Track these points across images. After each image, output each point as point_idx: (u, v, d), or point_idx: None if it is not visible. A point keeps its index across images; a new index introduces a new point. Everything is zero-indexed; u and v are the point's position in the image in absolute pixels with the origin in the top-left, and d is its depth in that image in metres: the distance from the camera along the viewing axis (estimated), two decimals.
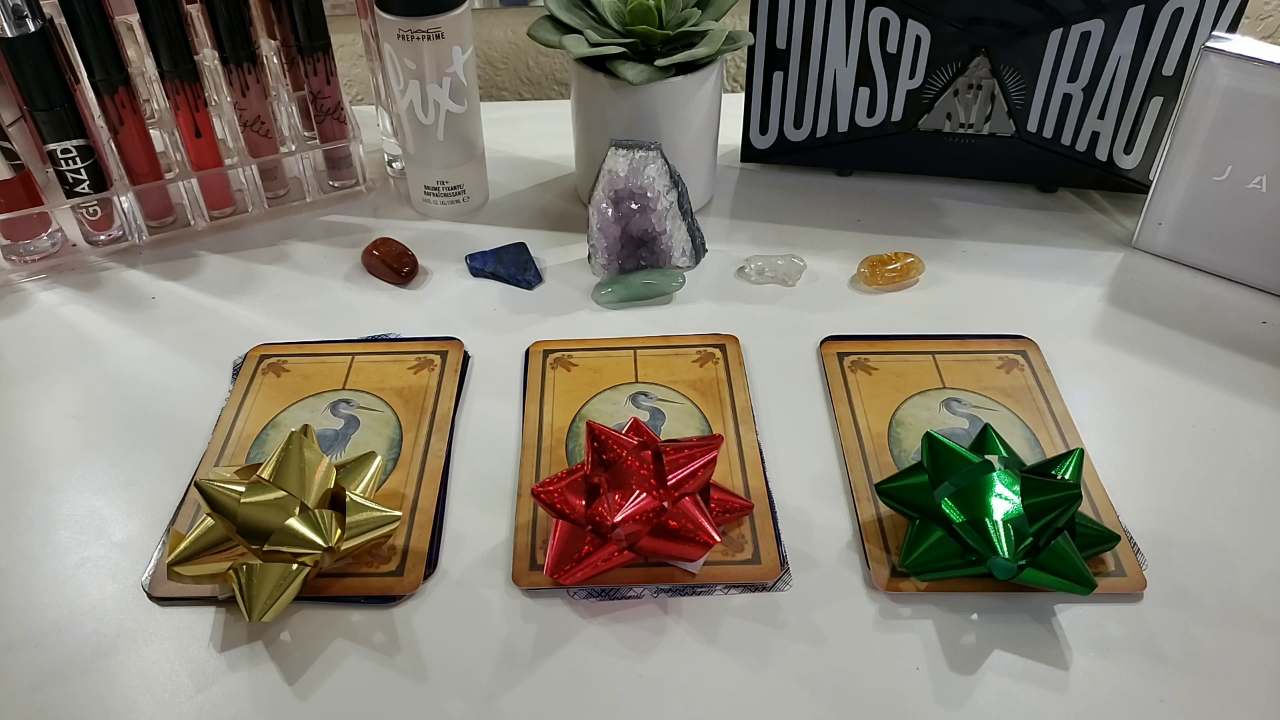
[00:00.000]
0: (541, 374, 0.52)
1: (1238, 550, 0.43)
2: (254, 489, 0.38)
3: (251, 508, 0.38)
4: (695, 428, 0.48)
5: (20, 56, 0.53)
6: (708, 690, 0.38)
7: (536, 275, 0.59)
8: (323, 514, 0.39)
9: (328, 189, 0.66)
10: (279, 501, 0.38)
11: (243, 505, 0.38)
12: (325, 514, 0.39)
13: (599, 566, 0.40)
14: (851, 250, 0.61)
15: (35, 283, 0.59)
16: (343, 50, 0.81)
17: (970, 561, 0.39)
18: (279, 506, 0.38)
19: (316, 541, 0.38)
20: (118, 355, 0.54)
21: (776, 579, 0.41)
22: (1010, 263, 0.60)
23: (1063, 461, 0.42)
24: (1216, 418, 0.49)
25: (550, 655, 0.39)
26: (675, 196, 0.57)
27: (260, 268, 0.60)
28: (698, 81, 0.58)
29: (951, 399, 0.50)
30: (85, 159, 0.57)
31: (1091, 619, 0.40)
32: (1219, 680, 0.38)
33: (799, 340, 0.54)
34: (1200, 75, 0.53)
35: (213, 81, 0.61)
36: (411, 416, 0.49)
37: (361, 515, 0.40)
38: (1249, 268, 0.57)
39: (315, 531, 0.38)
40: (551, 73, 0.85)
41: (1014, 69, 0.60)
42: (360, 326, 0.55)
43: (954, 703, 0.37)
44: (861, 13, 0.59)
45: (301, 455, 0.40)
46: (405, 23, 0.55)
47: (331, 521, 0.39)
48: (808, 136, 0.65)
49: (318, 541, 0.38)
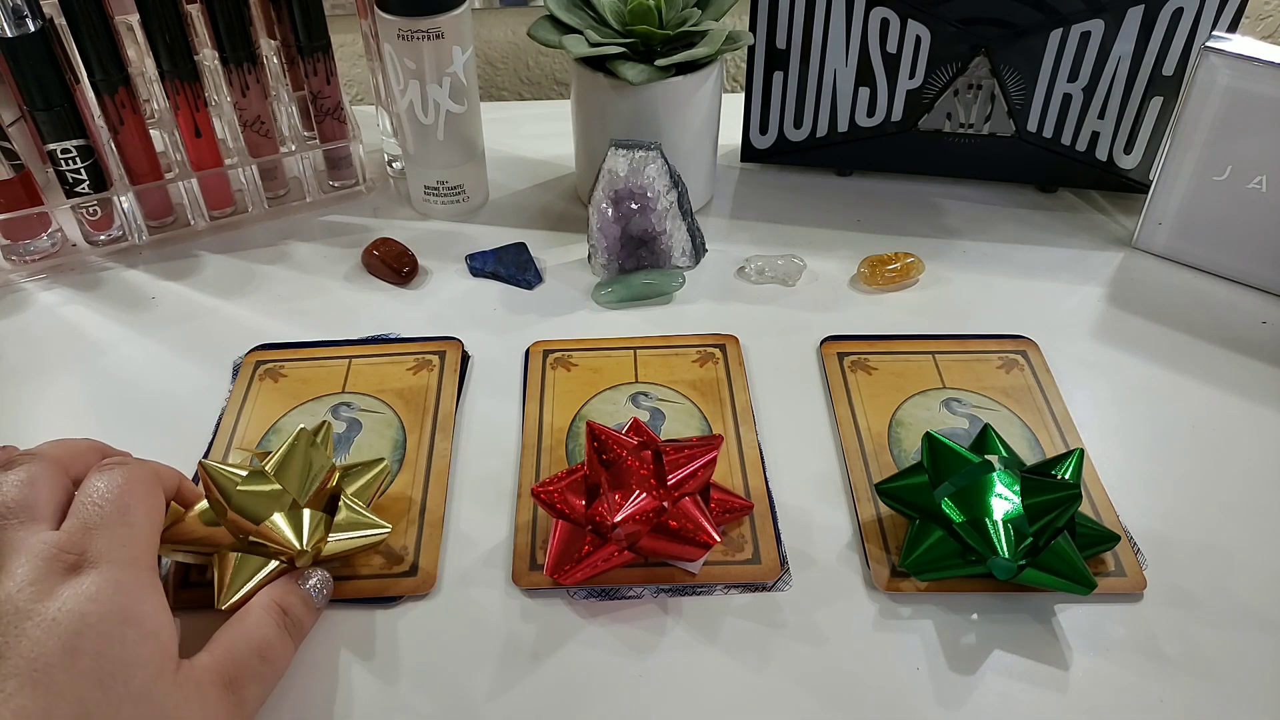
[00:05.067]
0: (541, 374, 0.52)
1: (1238, 550, 0.43)
2: (252, 478, 0.39)
3: (246, 495, 0.38)
4: (695, 428, 0.48)
5: (20, 56, 0.53)
6: (708, 690, 0.38)
7: (536, 275, 0.59)
8: (311, 515, 0.39)
9: (328, 189, 0.66)
10: (273, 494, 0.38)
11: (238, 491, 0.38)
12: (313, 515, 0.39)
13: (599, 566, 0.40)
14: (851, 250, 0.61)
15: (35, 283, 0.59)
16: (343, 50, 0.81)
17: (970, 561, 0.39)
18: (271, 499, 0.38)
19: (292, 542, 0.38)
20: (118, 355, 0.54)
21: (776, 579, 0.41)
22: (1010, 263, 0.60)
23: (1063, 461, 0.42)
24: (1216, 418, 0.49)
25: (550, 655, 0.39)
26: (675, 196, 0.57)
27: (260, 268, 0.60)
28: (698, 81, 0.58)
29: (951, 399, 0.50)
30: (85, 159, 0.57)
31: (1091, 619, 0.40)
32: (1219, 680, 0.38)
33: (799, 340, 0.54)
34: (1200, 75, 0.53)
35: (213, 81, 0.61)
36: (414, 417, 0.49)
37: (350, 519, 0.40)
38: (1249, 268, 0.57)
39: (295, 532, 0.38)
40: (551, 73, 0.85)
41: (1014, 69, 0.60)
42: (360, 326, 0.55)
43: (954, 703, 0.37)
44: (861, 13, 0.59)
45: (306, 452, 0.40)
46: (405, 23, 0.55)
47: (318, 524, 0.39)
48: (808, 136, 0.65)
49: (293, 543, 0.38)
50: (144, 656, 0.32)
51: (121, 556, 0.33)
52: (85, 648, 0.31)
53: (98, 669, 0.31)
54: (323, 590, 0.39)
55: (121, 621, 0.32)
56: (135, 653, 0.32)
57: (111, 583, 0.32)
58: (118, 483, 0.36)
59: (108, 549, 0.33)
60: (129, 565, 0.34)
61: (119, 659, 0.31)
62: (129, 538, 0.34)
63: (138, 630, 0.32)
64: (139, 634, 0.32)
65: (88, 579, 0.32)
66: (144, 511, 0.36)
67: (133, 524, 0.35)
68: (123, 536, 0.34)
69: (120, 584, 0.33)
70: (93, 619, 0.31)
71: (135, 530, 0.35)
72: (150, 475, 0.37)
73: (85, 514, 0.34)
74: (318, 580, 0.39)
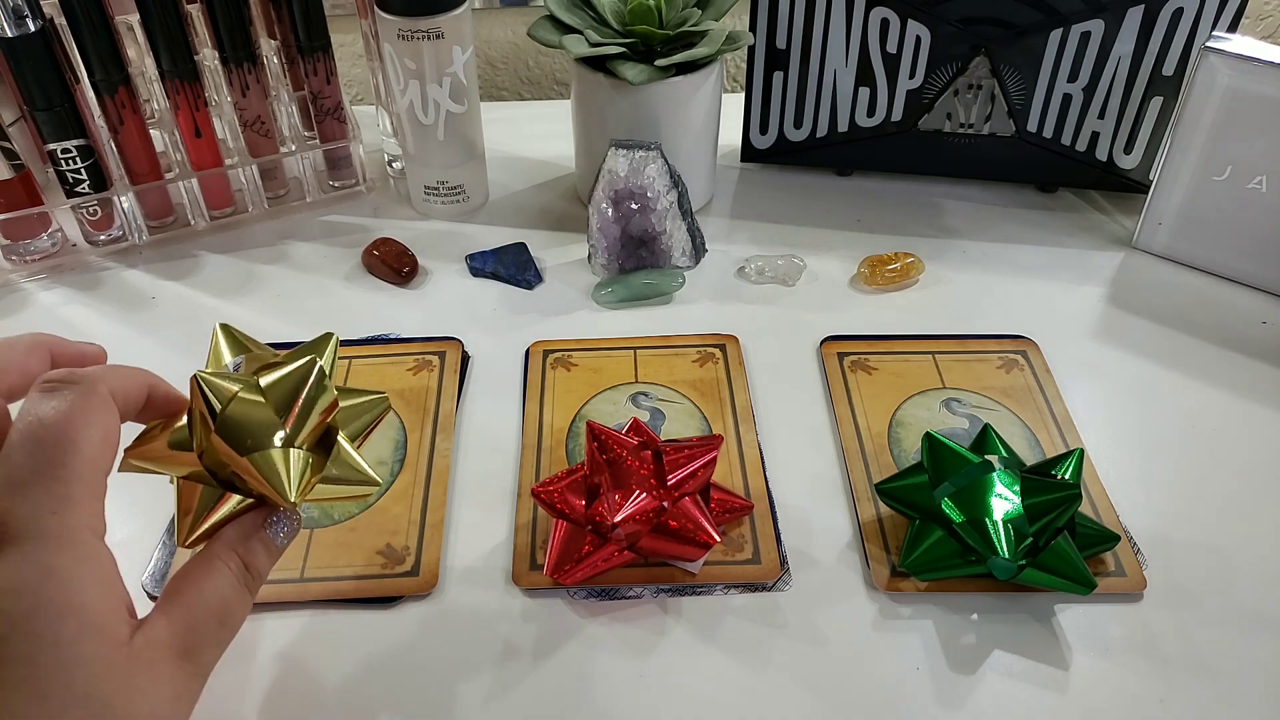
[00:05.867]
0: (541, 374, 0.52)
1: (1238, 550, 0.43)
2: (250, 389, 0.32)
3: (240, 408, 0.31)
4: (695, 428, 0.48)
5: (20, 56, 0.53)
6: (708, 690, 0.38)
7: (536, 275, 0.59)
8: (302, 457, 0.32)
9: (328, 189, 0.66)
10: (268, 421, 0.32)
11: (234, 402, 0.31)
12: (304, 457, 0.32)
13: (599, 566, 0.40)
14: (851, 250, 0.61)
15: (35, 283, 0.59)
16: (343, 50, 0.81)
17: (970, 561, 0.39)
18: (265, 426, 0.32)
19: (285, 488, 0.31)
20: (118, 355, 0.53)
21: (776, 579, 0.41)
22: (1010, 263, 0.60)
23: (1063, 461, 0.42)
24: (1216, 418, 0.49)
25: (550, 655, 0.39)
26: (675, 196, 0.57)
27: (260, 268, 0.60)
28: (698, 81, 0.58)
29: (951, 399, 0.50)
30: (85, 159, 0.57)
31: (1091, 619, 0.40)
32: (1219, 680, 0.38)
33: (799, 340, 0.54)
34: (1200, 75, 0.53)
35: (213, 81, 0.61)
36: (414, 418, 0.49)
37: (343, 472, 0.34)
38: (1249, 268, 0.57)
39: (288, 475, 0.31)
40: (551, 73, 0.85)
41: (1014, 69, 0.60)
42: (360, 326, 0.55)
43: (954, 703, 0.37)
44: (861, 13, 0.59)
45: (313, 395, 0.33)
46: (405, 23, 0.55)
47: (308, 467, 0.32)
48: (808, 136, 0.65)
49: (286, 489, 0.31)
50: (85, 654, 0.26)
51: (50, 528, 0.27)
52: (12, 654, 0.25)
53: (31, 676, 0.25)
54: (290, 538, 0.33)
55: (55, 616, 0.26)
56: (74, 652, 0.26)
57: (38, 568, 0.26)
58: (57, 416, 0.28)
59: (34, 517, 0.27)
60: (59, 540, 0.27)
61: (56, 661, 0.26)
62: (62, 500, 0.27)
63: (76, 622, 0.26)
64: (77, 628, 0.26)
65: (9, 563, 0.26)
66: (86, 458, 0.28)
67: (69, 478, 0.28)
68: (54, 500, 0.27)
69: (49, 569, 0.27)
70: (18, 617, 0.26)
71: (71, 487, 0.28)
72: (102, 399, 0.29)
73: (10, 466, 0.27)
74: (286, 526, 0.33)
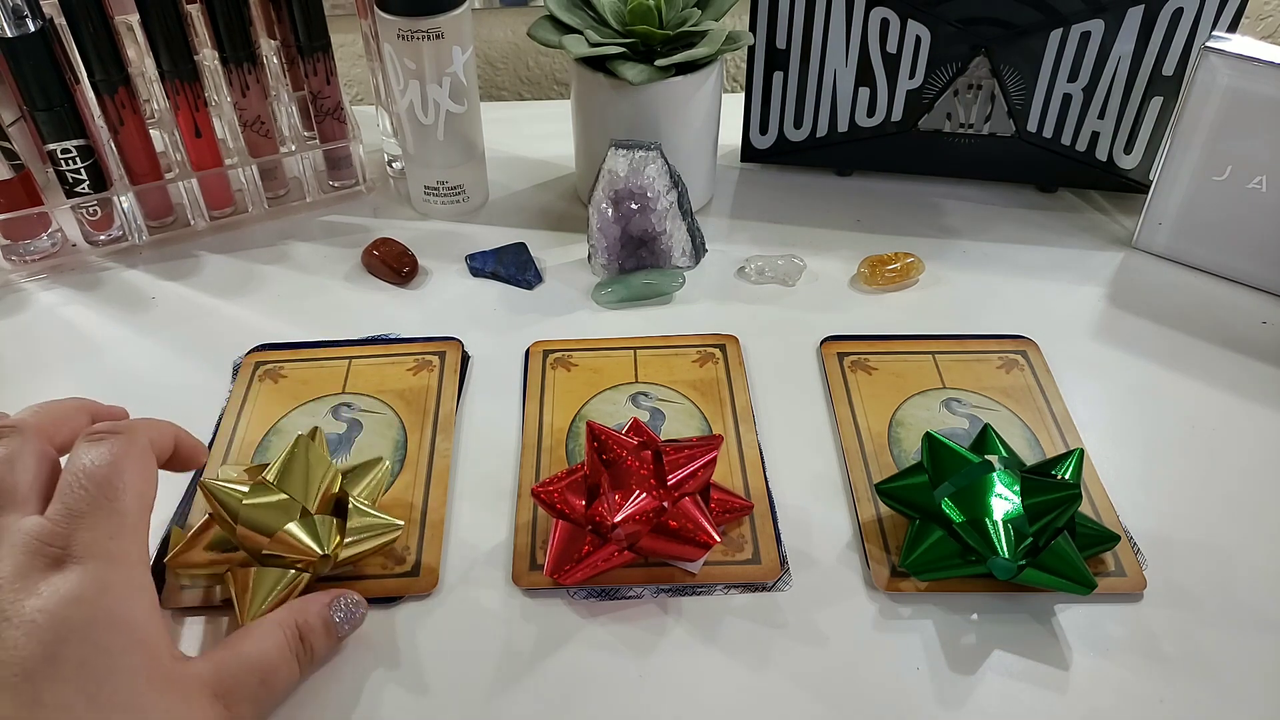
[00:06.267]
0: (541, 374, 0.52)
1: (1237, 550, 0.43)
2: (257, 490, 0.38)
3: (253, 509, 0.38)
4: (695, 428, 0.48)
5: (20, 56, 0.53)
6: (708, 690, 0.38)
7: (536, 275, 0.59)
8: (323, 520, 0.39)
9: (328, 189, 0.66)
10: (281, 504, 0.38)
11: (244, 506, 0.38)
12: (325, 520, 0.39)
13: (599, 566, 0.40)
14: (851, 250, 0.61)
15: (35, 283, 0.59)
16: (343, 50, 0.81)
17: (970, 561, 0.39)
18: (281, 509, 0.38)
19: (313, 549, 0.38)
20: (118, 355, 0.54)
21: (776, 579, 0.41)
22: (1010, 263, 0.60)
23: (1063, 461, 0.42)
24: (1216, 418, 0.49)
25: (550, 655, 0.39)
26: (675, 196, 0.57)
27: (260, 268, 0.60)
28: (698, 81, 0.58)
29: (951, 399, 0.50)
30: (85, 159, 0.57)
31: (1091, 619, 0.40)
32: (1219, 680, 0.38)
33: (799, 340, 0.54)
34: (1200, 75, 0.53)
35: (213, 81, 0.61)
36: (415, 418, 0.49)
37: (363, 522, 0.40)
38: (1249, 268, 0.57)
39: (313, 538, 0.38)
40: (551, 73, 0.85)
41: (1014, 69, 0.60)
42: (360, 327, 0.55)
43: (954, 703, 0.37)
44: (861, 13, 0.59)
45: (306, 459, 0.40)
46: (405, 23, 0.55)
47: (331, 528, 0.39)
48: (808, 136, 0.65)
49: (314, 549, 0.38)
50: (131, 664, 0.30)
51: (109, 551, 0.31)
52: (69, 655, 0.29)
53: (81, 677, 0.29)
54: (352, 616, 0.38)
55: (108, 626, 0.30)
56: (122, 661, 0.30)
57: (98, 583, 0.31)
58: (106, 459, 0.33)
59: (94, 541, 0.31)
60: (117, 562, 0.31)
61: (105, 667, 0.30)
62: (118, 528, 0.32)
63: (125, 636, 0.30)
64: (126, 640, 0.30)
65: (72, 577, 0.30)
66: (134, 494, 0.33)
67: (123, 510, 0.32)
68: (111, 527, 0.32)
69: (107, 585, 0.31)
70: (77, 623, 0.30)
71: (124, 519, 0.32)
72: (142, 448, 0.34)
73: (71, 499, 0.32)
74: (347, 605, 0.38)
